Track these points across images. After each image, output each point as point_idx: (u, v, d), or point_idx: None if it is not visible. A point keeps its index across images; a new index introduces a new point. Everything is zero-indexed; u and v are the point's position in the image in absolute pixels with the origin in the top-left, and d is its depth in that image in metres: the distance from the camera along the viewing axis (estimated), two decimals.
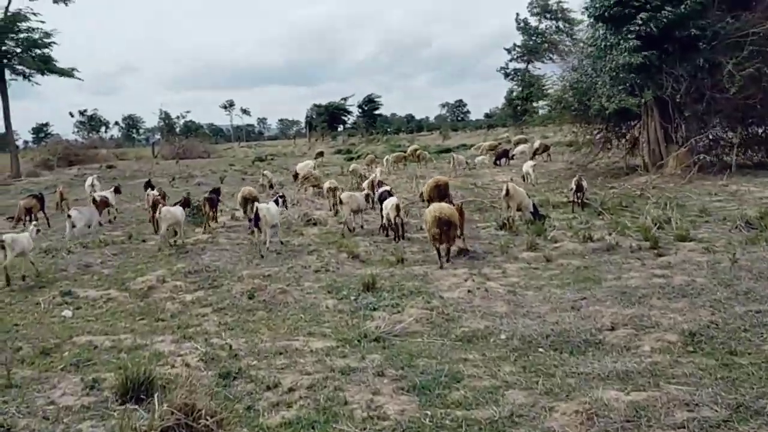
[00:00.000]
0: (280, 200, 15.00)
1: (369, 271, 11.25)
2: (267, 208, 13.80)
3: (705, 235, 12.68)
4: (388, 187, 17.23)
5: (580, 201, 17.64)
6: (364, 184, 20.17)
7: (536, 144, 35.92)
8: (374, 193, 17.85)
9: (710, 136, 22.82)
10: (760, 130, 24.36)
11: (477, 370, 6.71)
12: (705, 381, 5.94)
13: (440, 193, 16.27)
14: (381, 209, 15.21)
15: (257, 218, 13.43)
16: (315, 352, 7.42)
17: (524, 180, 25.04)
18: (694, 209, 15.86)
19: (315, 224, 16.96)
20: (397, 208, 14.05)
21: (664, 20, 21.67)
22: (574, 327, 7.79)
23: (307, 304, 9.59)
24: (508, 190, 14.97)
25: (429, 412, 5.61)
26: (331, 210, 18.94)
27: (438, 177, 18.55)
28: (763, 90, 21.42)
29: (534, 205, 15.52)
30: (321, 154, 44.83)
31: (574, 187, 17.96)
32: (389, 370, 6.69)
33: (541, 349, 7.27)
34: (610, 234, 13.29)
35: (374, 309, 9.15)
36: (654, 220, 13.81)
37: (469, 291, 9.81)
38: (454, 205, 12.56)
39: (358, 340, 7.84)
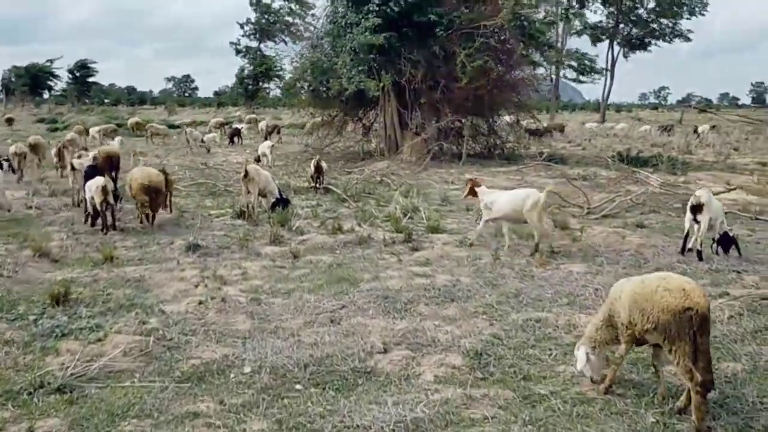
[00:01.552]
0: None
1: (62, 275, 8.40)
2: None
3: (454, 225, 12.10)
4: (93, 161, 14.01)
5: (320, 184, 16.43)
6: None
7: (262, 124, 35.04)
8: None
9: (443, 125, 23.29)
10: (483, 122, 25.67)
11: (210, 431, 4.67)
12: (510, 427, 4.67)
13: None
14: (84, 191, 12.06)
15: None
16: None
17: (258, 162, 23.23)
18: (437, 198, 15.51)
19: None
20: (104, 190, 11.12)
21: (403, 2, 21.40)
22: (338, 350, 6.13)
23: None
24: (247, 172, 12.89)
25: None
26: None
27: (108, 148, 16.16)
28: (492, 83, 22.40)
29: (280, 190, 13.67)
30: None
31: (312, 168, 16.64)
32: None
33: (299, 386, 5.46)
34: (359, 224, 12.06)
35: (62, 335, 6.49)
36: (403, 210, 12.93)
37: (200, 302, 7.62)
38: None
39: (30, 393, 5.24)
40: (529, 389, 5.29)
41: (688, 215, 9.32)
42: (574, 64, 54.73)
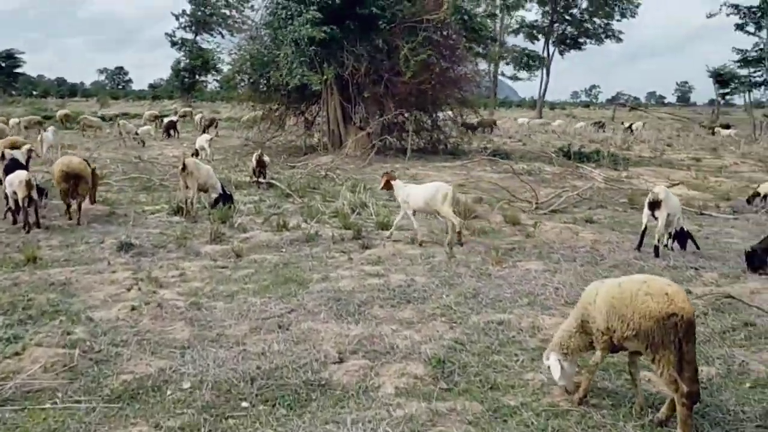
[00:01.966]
0: None
1: None
2: None
3: (403, 222, 11.65)
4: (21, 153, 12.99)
5: (263, 179, 15.79)
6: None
7: (198, 117, 34.61)
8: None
9: (387, 119, 22.87)
10: (427, 117, 25.38)
11: None
12: None
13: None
14: (4, 185, 11.07)
15: None
16: None
17: (197, 155, 22.29)
18: (383, 193, 15.05)
19: None
20: (28, 184, 10.20)
21: None
22: (289, 360, 5.60)
23: None
24: (185, 165, 12.10)
25: None
26: None
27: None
28: (436, 78, 22.11)
29: (222, 185, 12.89)
30: None
31: (254, 162, 15.96)
32: None
33: (245, 404, 4.91)
34: (306, 221, 11.51)
35: None
36: (350, 205, 12.43)
37: (133, 308, 6.93)
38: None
39: None
40: (498, 401, 4.88)
41: (646, 211, 9.19)
42: (517, 57, 55.50)
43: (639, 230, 11.11)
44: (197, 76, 70.30)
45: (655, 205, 8.99)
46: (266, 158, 16.32)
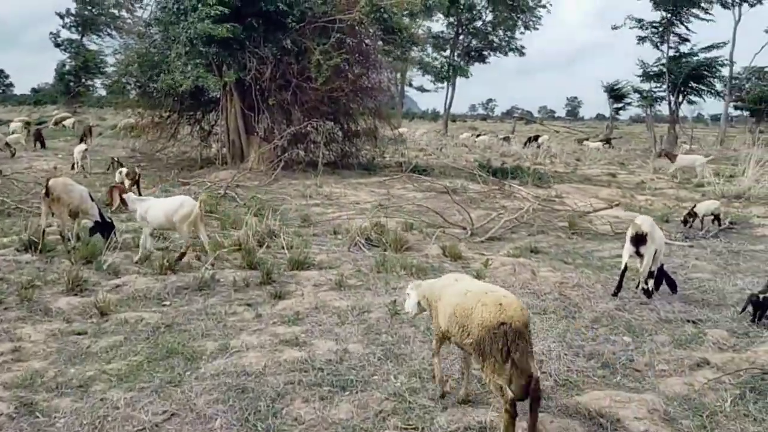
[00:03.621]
0: None
1: None
2: None
3: (323, 257, 9.55)
4: None
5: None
6: None
7: (69, 122, 32.59)
8: None
9: (296, 130, 20.63)
10: (339, 128, 23.33)
11: None
12: None
13: None
14: None
15: None
16: None
17: (73, 168, 19.25)
18: (295, 217, 12.91)
19: None
20: None
21: None
22: None
23: None
24: (48, 189, 9.38)
25: None
26: None
27: None
28: (350, 84, 20.16)
29: (101, 210, 10.21)
30: None
31: (126, 179, 13.46)
32: None
33: None
34: (199, 258, 9.18)
35: None
36: (257, 236, 10.15)
37: None
38: None
39: None
40: None
41: (629, 247, 7.57)
42: (437, 66, 54.96)
43: (600, 265, 9.66)
44: (83, 80, 65.12)
45: (639, 239, 7.40)
46: (138, 171, 13.95)
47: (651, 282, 7.57)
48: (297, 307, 7.07)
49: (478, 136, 45.12)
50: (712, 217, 13.42)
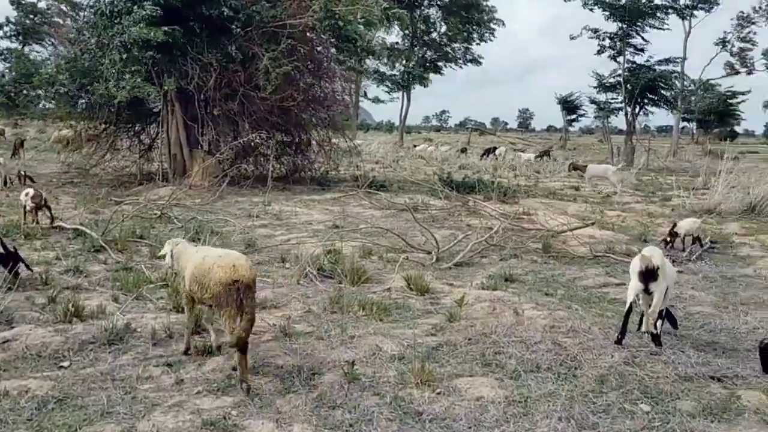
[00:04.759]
0: None
1: None
2: None
3: (267, 293, 8.09)
4: None
5: (37, 221, 11.99)
6: None
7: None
8: None
9: (244, 142, 19.08)
10: (290, 140, 21.85)
11: None
12: None
13: None
14: None
15: None
16: None
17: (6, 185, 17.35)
18: (239, 241, 11.41)
19: None
20: None
21: None
22: None
23: None
24: None
25: None
26: None
27: None
28: (302, 94, 18.74)
29: (2, 241, 8.51)
30: None
31: (29, 201, 11.83)
32: None
33: None
34: (115, 299, 7.63)
35: None
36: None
37: None
38: None
39: None
40: None
41: (636, 285, 6.30)
42: (396, 74, 54.18)
43: (586, 297, 8.48)
44: (25, 91, 61.96)
45: (650, 275, 6.18)
46: (44, 194, 12.26)
47: (660, 324, 6.36)
48: (230, 367, 5.61)
49: (437, 147, 44.15)
50: (692, 236, 12.48)
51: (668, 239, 12.47)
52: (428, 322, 7.05)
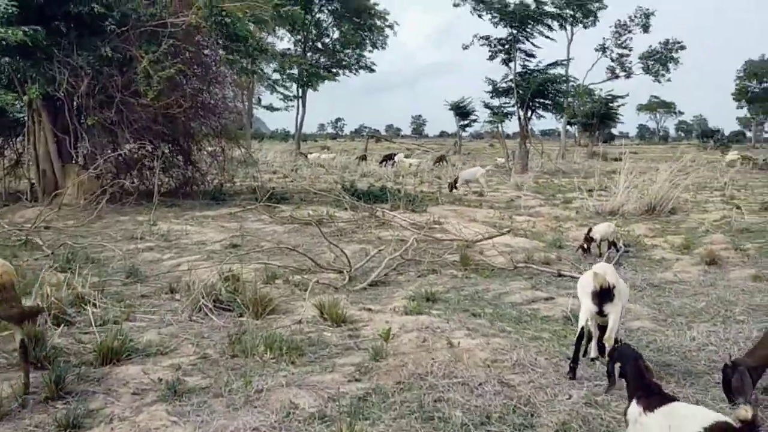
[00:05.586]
0: None
1: None
2: None
3: (153, 335, 6.69)
4: None
5: None
6: None
7: None
8: None
9: (125, 155, 17.20)
10: (178, 151, 20.09)
11: None
12: None
13: None
14: None
15: None
16: None
17: None
18: (120, 268, 9.85)
19: None
20: None
21: None
22: None
23: None
24: None
25: None
26: None
27: None
28: (189, 100, 17.12)
29: None
30: None
31: None
32: None
33: None
34: None
35: None
36: (57, 306, 7.05)
37: None
38: None
39: None
40: None
41: (590, 307, 5.51)
42: (294, 73, 52.68)
43: (517, 316, 7.70)
44: None
45: (604, 295, 5.40)
46: None
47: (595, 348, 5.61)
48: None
49: (333, 158, 43.04)
50: (608, 240, 12.18)
51: (585, 245, 12.09)
52: (350, 362, 5.96)
